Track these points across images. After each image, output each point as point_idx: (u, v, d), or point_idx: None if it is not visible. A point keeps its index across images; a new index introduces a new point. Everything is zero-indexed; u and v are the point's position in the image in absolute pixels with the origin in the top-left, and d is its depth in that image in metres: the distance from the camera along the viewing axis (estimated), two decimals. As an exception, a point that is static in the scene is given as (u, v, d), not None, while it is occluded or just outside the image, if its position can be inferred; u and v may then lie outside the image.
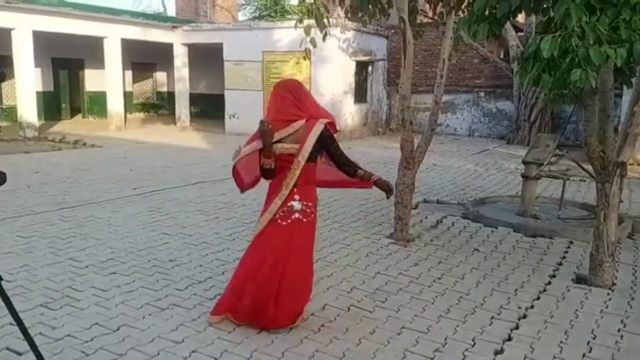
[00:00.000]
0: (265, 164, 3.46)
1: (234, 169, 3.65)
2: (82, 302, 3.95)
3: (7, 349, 3.24)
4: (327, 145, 3.55)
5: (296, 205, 3.48)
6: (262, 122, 3.41)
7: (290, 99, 3.46)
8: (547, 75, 3.52)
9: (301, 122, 3.45)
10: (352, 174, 3.63)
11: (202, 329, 3.58)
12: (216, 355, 3.25)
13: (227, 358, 3.23)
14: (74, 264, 4.75)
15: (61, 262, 4.79)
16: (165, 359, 3.19)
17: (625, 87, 4.68)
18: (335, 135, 3.68)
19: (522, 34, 15.96)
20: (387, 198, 3.68)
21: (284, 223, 3.48)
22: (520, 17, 16.01)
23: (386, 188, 3.58)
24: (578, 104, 4.89)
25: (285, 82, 3.71)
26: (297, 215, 3.49)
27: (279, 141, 3.44)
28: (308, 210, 3.53)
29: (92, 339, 3.40)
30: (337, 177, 3.77)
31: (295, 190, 3.48)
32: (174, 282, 4.40)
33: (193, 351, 3.29)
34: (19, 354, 3.17)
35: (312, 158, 3.49)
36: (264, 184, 3.69)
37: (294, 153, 3.44)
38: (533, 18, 14.02)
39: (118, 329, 3.56)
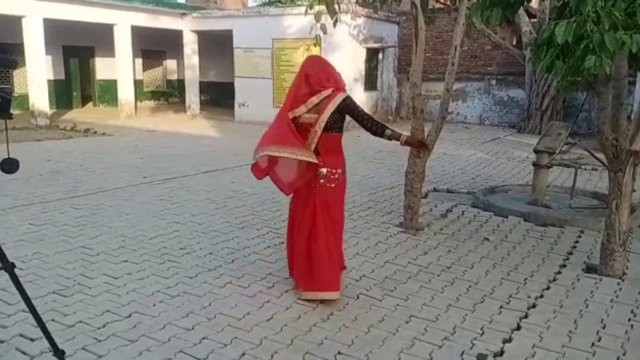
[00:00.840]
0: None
1: (271, 171, 3.86)
2: (93, 290, 4.00)
3: (21, 335, 3.29)
4: (350, 112, 3.73)
5: (321, 171, 3.72)
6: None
7: (321, 72, 3.72)
8: (560, 62, 3.47)
9: (327, 92, 3.67)
10: (380, 133, 3.80)
11: (213, 317, 3.61)
12: (226, 342, 3.27)
13: (236, 345, 3.25)
14: (85, 252, 4.80)
15: (73, 250, 4.84)
16: (176, 346, 3.22)
17: (639, 74, 4.62)
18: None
19: (535, 20, 15.75)
20: (420, 155, 3.69)
21: (306, 188, 3.75)
22: (534, 3, 15.82)
23: (417, 145, 3.83)
24: (591, 92, 4.83)
25: (313, 58, 3.98)
26: (321, 181, 3.73)
27: (306, 112, 3.70)
28: (333, 177, 3.74)
29: (103, 326, 3.44)
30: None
31: (318, 158, 3.69)
32: (184, 270, 4.43)
33: (203, 338, 3.32)
34: (32, 340, 3.22)
35: (332, 128, 3.71)
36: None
37: (312, 122, 3.67)
38: (547, 3, 13.85)
39: (129, 315, 3.60)
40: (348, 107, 3.71)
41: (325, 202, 3.76)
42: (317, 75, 3.70)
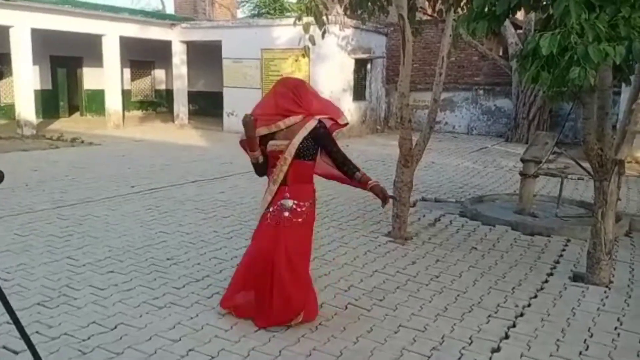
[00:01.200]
0: (251, 158, 3.50)
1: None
2: (79, 301, 3.95)
3: (4, 347, 3.23)
4: (323, 142, 3.48)
5: (286, 203, 3.44)
6: (245, 115, 3.40)
7: (290, 96, 3.41)
8: (546, 72, 3.51)
9: (296, 118, 3.39)
10: (350, 175, 3.52)
11: (200, 328, 3.57)
12: (213, 354, 3.24)
13: (224, 357, 3.23)
14: (71, 263, 4.75)
15: (58, 261, 4.79)
16: (163, 358, 3.19)
17: (623, 85, 4.68)
18: (337, 129, 3.65)
19: (521, 31, 15.95)
20: (382, 207, 3.49)
21: (273, 223, 3.46)
22: (520, 15, 16.01)
23: (381, 196, 3.41)
24: (577, 102, 4.89)
25: (287, 79, 3.71)
26: (286, 214, 3.44)
27: (272, 137, 3.44)
28: (300, 209, 3.46)
29: (89, 338, 3.39)
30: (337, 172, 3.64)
31: (285, 188, 3.45)
32: (172, 280, 4.40)
33: (190, 350, 3.29)
34: (16, 352, 3.16)
35: (304, 156, 3.43)
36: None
37: (283, 149, 3.40)
38: (532, 15, 14.02)
39: (115, 327, 3.55)
40: (322, 138, 3.44)
41: (292, 239, 3.45)
42: (286, 99, 3.41)
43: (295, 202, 3.45)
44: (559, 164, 9.72)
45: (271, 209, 3.49)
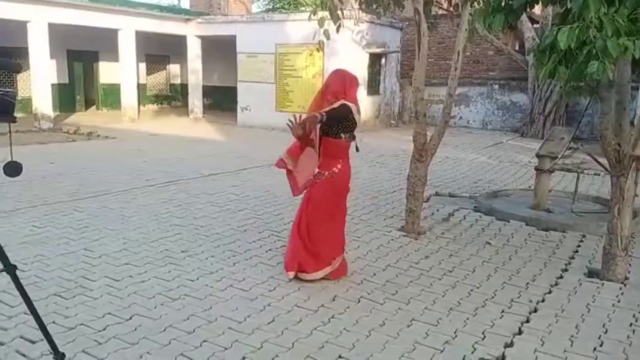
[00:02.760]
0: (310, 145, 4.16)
1: (288, 172, 4.24)
2: (95, 292, 4.00)
3: (21, 337, 3.29)
4: (332, 113, 3.94)
5: (316, 172, 4.17)
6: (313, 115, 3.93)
7: (338, 86, 4.10)
8: (563, 67, 3.47)
9: (337, 104, 4.00)
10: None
11: (213, 319, 3.60)
12: (227, 346, 3.27)
13: (237, 348, 3.25)
14: (87, 254, 4.81)
15: (75, 252, 4.85)
16: (177, 349, 3.22)
17: (641, 80, 4.62)
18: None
19: (538, 25, 15.77)
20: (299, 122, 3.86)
21: (317, 181, 4.17)
22: (537, 9, 15.82)
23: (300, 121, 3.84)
24: (594, 97, 4.83)
25: (339, 72, 4.29)
26: (316, 180, 4.17)
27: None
28: (323, 176, 4.14)
29: (104, 328, 3.44)
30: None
31: (320, 159, 4.15)
32: (186, 272, 4.44)
33: (204, 341, 3.32)
34: (33, 342, 3.22)
35: (329, 132, 4.08)
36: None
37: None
38: (550, 9, 13.85)
39: (130, 318, 3.60)
40: (333, 109, 3.96)
41: (315, 197, 4.16)
42: (334, 88, 4.09)
43: (320, 170, 4.16)
44: (575, 159, 9.63)
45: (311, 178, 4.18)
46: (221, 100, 20.67)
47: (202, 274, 4.42)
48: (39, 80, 13.89)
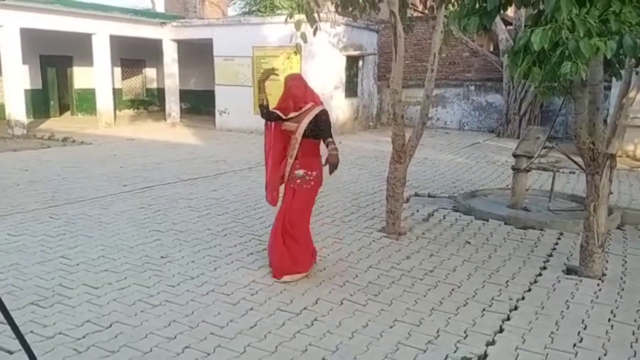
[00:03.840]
0: (259, 99, 4.38)
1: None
2: (73, 300, 3.94)
3: (-2, 347, 3.22)
4: (322, 125, 4.25)
5: (298, 173, 4.29)
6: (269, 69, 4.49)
7: (303, 87, 4.34)
8: (537, 68, 3.53)
9: (308, 106, 4.27)
10: (325, 145, 4.28)
11: (195, 325, 3.57)
12: (209, 351, 3.25)
13: (220, 353, 3.23)
14: (64, 262, 4.73)
15: (52, 260, 4.76)
16: (159, 356, 3.18)
17: (614, 79, 4.71)
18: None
19: (511, 27, 16.00)
20: (330, 173, 4.17)
21: (291, 185, 4.34)
22: (510, 11, 16.05)
23: (330, 161, 4.12)
24: (568, 97, 4.92)
25: (294, 74, 4.64)
26: (298, 181, 4.30)
27: (288, 120, 4.30)
28: (309, 177, 4.30)
29: (84, 337, 3.39)
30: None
31: (297, 161, 4.29)
32: (166, 278, 4.39)
33: (186, 347, 3.29)
34: (10, 352, 3.15)
35: (310, 135, 4.26)
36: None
37: (293, 130, 4.26)
38: (522, 11, 14.07)
39: (110, 325, 3.55)
40: (322, 122, 4.26)
41: (297, 202, 4.32)
42: (301, 94, 4.30)
43: (305, 171, 4.29)
44: (551, 158, 9.78)
45: (289, 177, 4.32)
46: (199, 104, 20.52)
47: (183, 279, 4.38)
48: (12, 86, 13.61)
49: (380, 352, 3.28)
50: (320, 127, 4.26)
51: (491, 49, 17.95)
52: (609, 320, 3.79)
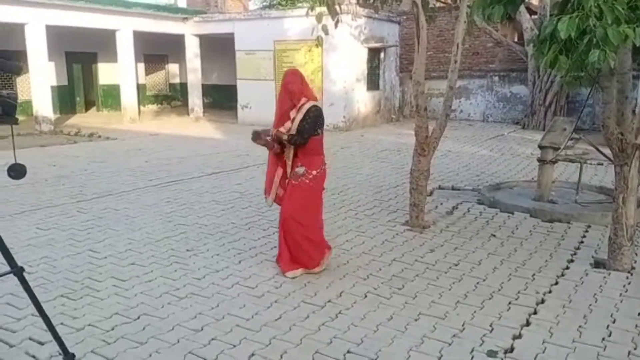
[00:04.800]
0: (275, 150, 4.36)
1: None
2: (102, 292, 4.01)
3: (30, 339, 3.30)
4: (307, 119, 4.15)
5: (299, 171, 4.25)
6: (252, 133, 4.36)
7: (299, 81, 4.21)
8: (564, 57, 3.47)
9: (302, 101, 4.19)
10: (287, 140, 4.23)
11: (221, 317, 3.61)
12: (235, 343, 3.28)
13: (246, 345, 3.26)
14: (93, 255, 4.82)
15: (80, 254, 4.86)
16: (185, 347, 3.23)
17: (643, 68, 4.60)
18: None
19: (536, 16, 15.72)
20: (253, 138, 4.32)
21: (293, 182, 4.29)
22: None
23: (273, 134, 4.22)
24: (595, 87, 4.82)
25: (294, 70, 4.43)
26: (300, 178, 4.25)
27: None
28: (310, 175, 4.25)
29: (112, 328, 3.45)
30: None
31: (297, 159, 4.27)
32: (192, 271, 4.44)
33: (212, 339, 3.33)
34: (42, 343, 3.23)
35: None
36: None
37: (288, 129, 4.20)
38: (547, 0, 13.82)
39: (138, 318, 3.61)
40: (309, 115, 4.15)
41: (304, 195, 4.26)
42: (297, 89, 4.18)
43: (306, 169, 4.23)
44: (578, 149, 9.62)
45: (291, 178, 4.29)
46: (221, 99, 20.65)
47: (208, 272, 4.43)
48: (39, 83, 13.88)
49: (405, 345, 3.28)
50: (303, 122, 4.15)
51: (515, 39, 17.67)
52: (639, 314, 3.72)
